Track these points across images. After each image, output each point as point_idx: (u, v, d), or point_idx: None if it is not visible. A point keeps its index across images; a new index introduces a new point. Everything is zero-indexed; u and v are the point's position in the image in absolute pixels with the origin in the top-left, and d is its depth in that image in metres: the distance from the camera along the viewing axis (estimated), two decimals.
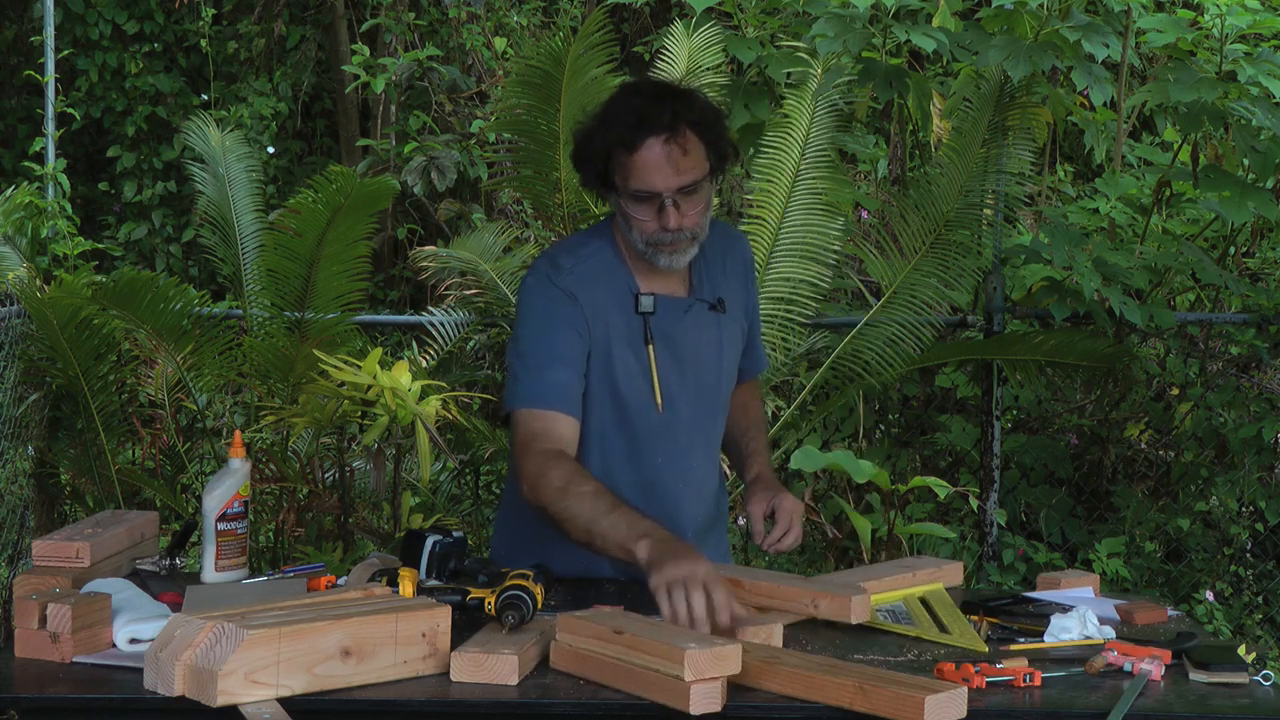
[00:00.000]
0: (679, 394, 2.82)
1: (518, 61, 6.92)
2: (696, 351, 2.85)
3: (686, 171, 2.67)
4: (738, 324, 2.95)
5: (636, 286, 2.80)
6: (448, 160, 7.45)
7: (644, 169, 2.65)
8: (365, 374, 4.35)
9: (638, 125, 2.65)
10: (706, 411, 2.90)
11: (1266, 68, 4.78)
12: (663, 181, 2.66)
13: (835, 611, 2.49)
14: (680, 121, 2.66)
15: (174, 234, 8.93)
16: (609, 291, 2.78)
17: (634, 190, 2.68)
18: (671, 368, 2.81)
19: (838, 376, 5.23)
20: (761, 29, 5.64)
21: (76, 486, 5.18)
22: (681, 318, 2.83)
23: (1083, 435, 5.89)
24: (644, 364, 2.78)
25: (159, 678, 2.12)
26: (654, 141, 2.65)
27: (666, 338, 2.80)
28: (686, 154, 2.66)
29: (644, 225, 2.70)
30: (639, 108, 2.67)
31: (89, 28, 8.83)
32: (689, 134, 2.67)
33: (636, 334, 2.78)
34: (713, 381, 2.89)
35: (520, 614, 2.32)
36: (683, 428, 2.84)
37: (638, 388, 2.78)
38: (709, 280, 2.88)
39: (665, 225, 2.68)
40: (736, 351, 2.96)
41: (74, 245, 5.29)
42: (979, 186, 5.17)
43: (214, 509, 2.77)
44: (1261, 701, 2.24)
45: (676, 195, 2.67)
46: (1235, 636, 5.35)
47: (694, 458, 2.89)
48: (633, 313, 2.78)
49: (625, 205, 2.71)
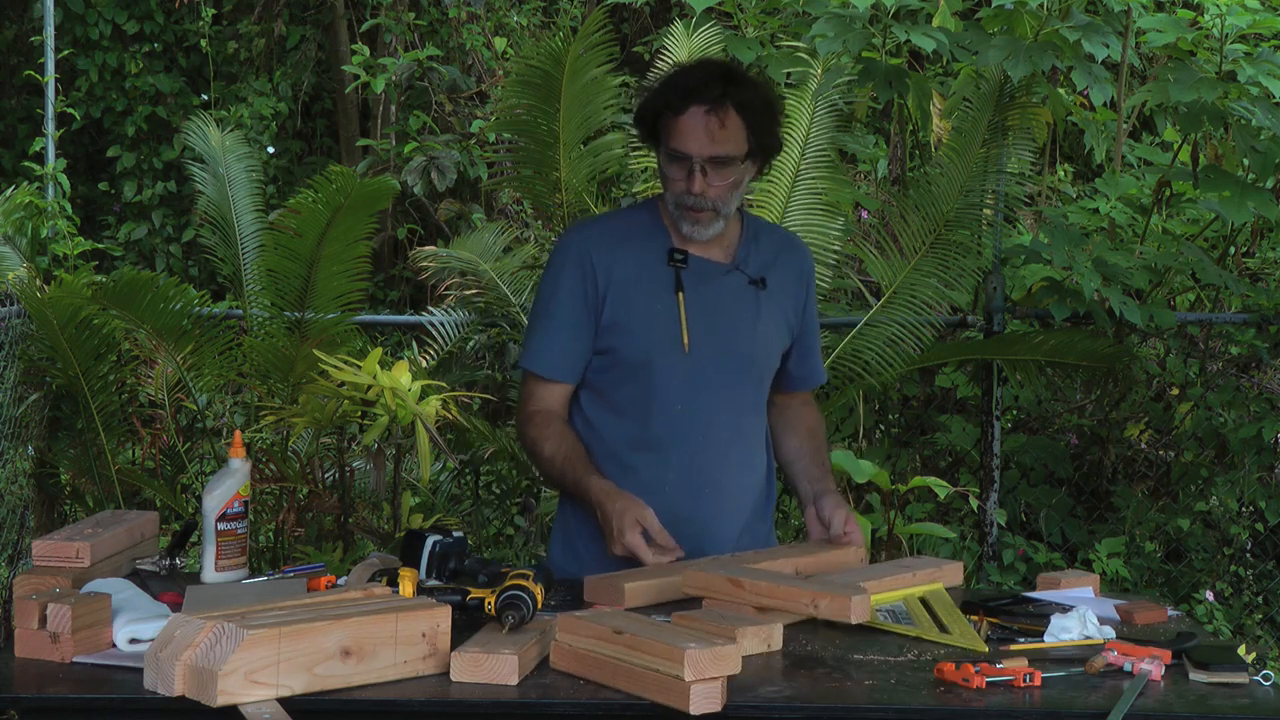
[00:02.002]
0: (706, 345, 2.94)
1: (518, 61, 6.91)
2: (728, 311, 2.97)
3: (721, 143, 2.85)
4: (781, 310, 3.05)
5: (672, 243, 2.97)
6: (448, 160, 7.45)
7: (682, 132, 2.86)
8: (365, 374, 4.35)
9: (688, 92, 2.86)
10: (737, 372, 2.99)
11: (1266, 68, 4.78)
12: (696, 146, 2.85)
13: (835, 611, 2.49)
14: (727, 99, 2.86)
15: (174, 234, 8.93)
16: (640, 247, 2.96)
17: (671, 149, 2.87)
18: (700, 319, 2.94)
19: (838, 376, 5.23)
20: (761, 29, 5.64)
21: (76, 486, 5.18)
22: (719, 279, 2.97)
23: (1083, 435, 5.89)
24: (672, 310, 2.93)
25: (159, 678, 2.12)
26: (697, 109, 2.85)
27: (699, 293, 2.95)
28: (724, 128, 2.85)
29: (675, 184, 2.90)
30: (696, 78, 2.89)
31: (89, 28, 8.82)
32: (732, 112, 2.86)
33: (666, 283, 2.94)
34: (746, 347, 3.00)
35: (520, 614, 2.32)
36: (710, 379, 2.95)
37: (662, 330, 2.92)
38: (756, 261, 3.01)
39: (691, 188, 2.86)
40: (778, 332, 3.05)
41: (74, 245, 5.29)
42: (979, 186, 5.17)
43: (214, 509, 2.77)
44: (1261, 701, 2.24)
45: (707, 163, 2.85)
46: (1235, 636, 5.35)
47: (721, 415, 2.97)
48: (664, 265, 2.95)
49: (664, 163, 2.91)
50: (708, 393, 2.95)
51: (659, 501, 2.87)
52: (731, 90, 2.86)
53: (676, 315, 2.93)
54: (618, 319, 2.93)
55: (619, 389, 2.96)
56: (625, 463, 2.94)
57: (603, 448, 2.96)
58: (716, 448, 2.97)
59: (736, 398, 3.00)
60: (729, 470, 3.00)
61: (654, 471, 2.94)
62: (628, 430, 2.95)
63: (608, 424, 2.97)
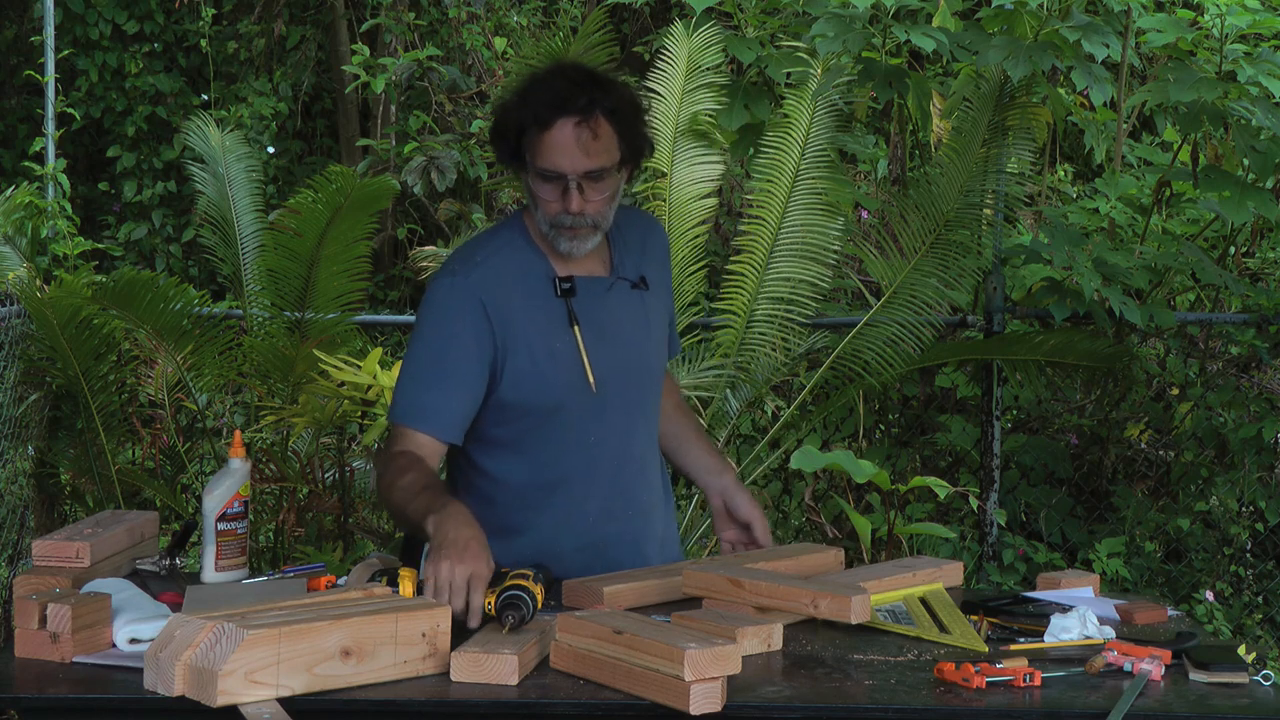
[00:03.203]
0: (610, 373, 2.80)
1: (518, 61, 6.92)
2: (622, 328, 2.83)
3: (595, 156, 2.68)
4: (661, 303, 2.95)
5: (553, 271, 2.79)
6: (448, 160, 7.44)
7: (553, 149, 2.67)
8: (365, 374, 4.36)
9: (553, 105, 2.67)
10: (640, 388, 2.88)
11: (1266, 68, 4.77)
12: (569, 163, 2.67)
13: (835, 611, 2.49)
14: (596, 107, 2.68)
15: (174, 234, 8.93)
16: (524, 281, 2.77)
17: (541, 169, 2.69)
18: (600, 347, 2.79)
19: (838, 376, 5.23)
20: (761, 29, 5.63)
21: (76, 486, 5.18)
22: (604, 296, 2.82)
23: (1083, 435, 5.89)
24: (571, 346, 2.76)
25: (159, 678, 2.12)
26: (566, 122, 2.66)
27: (591, 318, 2.79)
28: (597, 139, 2.68)
29: (548, 205, 2.72)
30: (559, 89, 2.69)
31: (89, 28, 8.82)
32: (603, 121, 2.68)
33: (559, 318, 2.77)
34: (642, 358, 2.88)
35: (520, 614, 2.32)
36: (619, 406, 2.82)
37: (567, 371, 2.76)
38: (630, 260, 2.88)
39: (568, 208, 2.69)
40: (661, 328, 2.95)
41: (74, 245, 5.29)
42: (979, 186, 5.16)
43: (214, 509, 2.77)
44: (1261, 701, 2.24)
45: (582, 179, 2.69)
46: (1235, 636, 5.35)
47: (635, 436, 2.87)
48: (553, 297, 2.77)
49: (533, 184, 2.73)
50: (618, 417, 2.82)
51: (583, 531, 2.79)
52: (599, 96, 2.68)
53: (577, 352, 2.76)
54: (520, 368, 2.73)
55: (525, 436, 2.78)
56: (537, 504, 2.79)
57: (509, 494, 2.79)
58: (632, 466, 2.87)
59: (643, 414, 2.90)
60: (647, 486, 2.92)
61: (573, 505, 2.80)
62: (538, 473, 2.78)
63: (513, 470, 2.79)
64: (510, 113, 2.74)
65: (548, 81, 2.73)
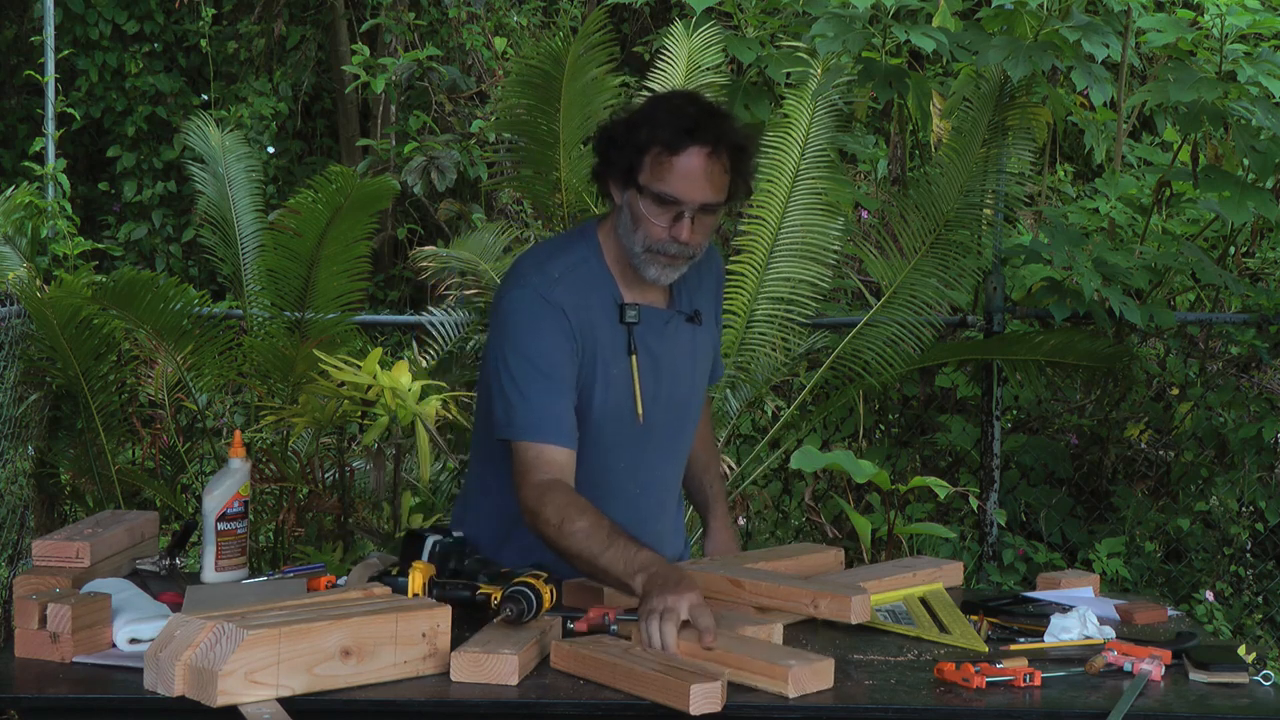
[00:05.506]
0: (656, 406, 2.80)
1: (518, 61, 6.91)
2: (674, 364, 2.83)
3: (716, 190, 2.66)
4: (709, 337, 2.95)
5: (621, 296, 2.77)
6: (448, 160, 7.45)
7: (678, 175, 2.63)
8: (365, 374, 4.35)
9: (686, 131, 2.63)
10: (679, 423, 2.89)
11: (1266, 68, 4.78)
12: (692, 192, 2.63)
13: (835, 611, 2.49)
14: (724, 142, 2.65)
15: (174, 234, 8.93)
16: (597, 301, 2.74)
17: (659, 191, 2.64)
18: (650, 379, 2.79)
19: (838, 376, 5.23)
20: (761, 29, 5.63)
21: (76, 486, 5.18)
22: (662, 329, 2.81)
23: (1083, 435, 5.89)
24: (626, 374, 2.75)
25: (159, 678, 2.12)
26: (697, 151, 2.63)
27: (647, 348, 2.79)
28: (720, 173, 2.65)
29: (654, 229, 2.67)
30: (692, 115, 2.65)
31: (89, 28, 8.82)
32: (725, 155, 2.66)
33: (620, 344, 2.75)
34: (685, 393, 2.88)
35: (519, 608, 2.31)
36: (657, 438, 2.83)
37: (619, 398, 2.75)
38: (686, 293, 2.87)
39: (677, 236, 2.65)
40: (707, 364, 2.97)
41: (74, 245, 5.29)
42: (979, 186, 5.16)
43: (214, 509, 2.77)
44: (1261, 701, 2.24)
45: (698, 210, 2.65)
46: (1235, 636, 5.35)
47: (665, 469, 2.89)
48: (617, 323, 2.75)
49: (642, 205, 2.67)
50: (654, 451, 2.84)
51: None
52: (727, 130, 2.66)
53: (630, 381, 2.75)
54: (584, 383, 2.72)
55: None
56: None
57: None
58: (654, 493, 2.88)
59: (676, 449, 2.92)
60: (665, 514, 2.92)
61: None
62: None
63: None
64: (636, 129, 2.68)
65: (679, 106, 2.69)
